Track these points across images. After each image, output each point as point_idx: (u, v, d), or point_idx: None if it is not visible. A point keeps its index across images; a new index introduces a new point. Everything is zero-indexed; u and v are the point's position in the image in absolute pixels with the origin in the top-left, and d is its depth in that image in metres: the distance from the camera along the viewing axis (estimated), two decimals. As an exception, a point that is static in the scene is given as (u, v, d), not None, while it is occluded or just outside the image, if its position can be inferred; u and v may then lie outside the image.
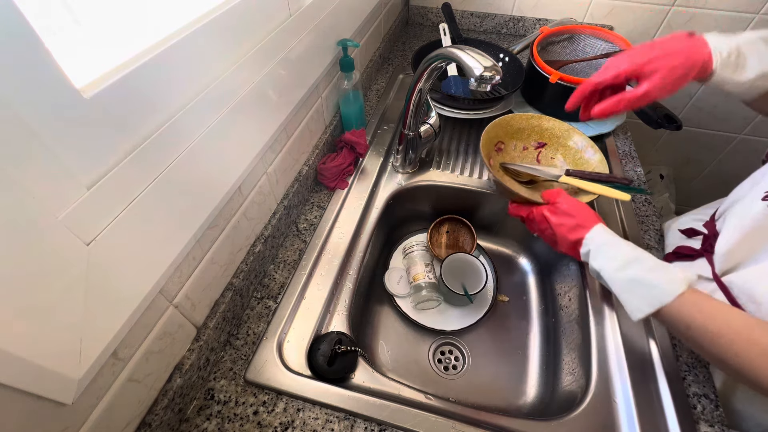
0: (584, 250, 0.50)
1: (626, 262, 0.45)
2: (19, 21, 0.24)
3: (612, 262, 0.47)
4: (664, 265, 0.44)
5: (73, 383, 0.30)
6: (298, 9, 0.56)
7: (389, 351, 0.69)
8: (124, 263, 0.34)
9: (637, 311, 0.44)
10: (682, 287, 0.41)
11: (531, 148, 0.73)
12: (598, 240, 0.49)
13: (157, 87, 0.35)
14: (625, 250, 0.47)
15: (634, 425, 0.48)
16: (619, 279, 0.46)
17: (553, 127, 0.71)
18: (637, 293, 0.44)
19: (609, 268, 0.47)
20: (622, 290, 0.46)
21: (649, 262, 0.45)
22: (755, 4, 0.98)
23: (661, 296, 0.42)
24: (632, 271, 0.45)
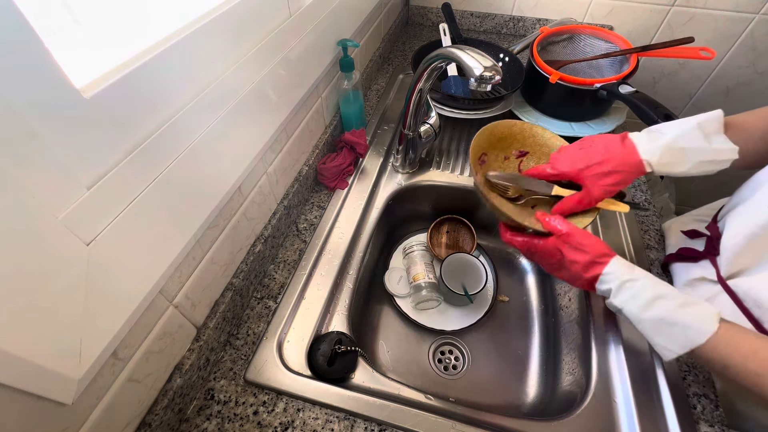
0: (603, 288, 0.47)
1: (651, 300, 0.43)
2: (19, 21, 0.24)
3: (636, 300, 0.43)
4: (692, 300, 0.42)
5: (73, 383, 0.30)
6: (298, 9, 0.56)
7: (389, 351, 0.69)
8: (124, 263, 0.34)
9: (667, 352, 0.42)
10: (714, 326, 0.39)
11: (512, 157, 0.66)
12: (618, 276, 0.45)
13: (157, 87, 0.35)
14: (647, 286, 0.44)
15: (634, 425, 0.48)
16: (647, 320, 0.43)
17: (536, 134, 0.64)
18: (667, 334, 0.42)
19: (633, 307, 0.44)
20: (650, 331, 0.43)
21: (676, 299, 0.42)
22: (755, 4, 0.98)
23: (694, 337, 0.40)
24: (659, 310, 0.42)
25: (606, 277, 0.46)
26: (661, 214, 0.79)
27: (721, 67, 1.11)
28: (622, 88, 0.74)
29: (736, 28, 1.03)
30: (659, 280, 0.44)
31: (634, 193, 0.75)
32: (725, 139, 0.49)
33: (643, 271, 0.45)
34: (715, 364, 0.40)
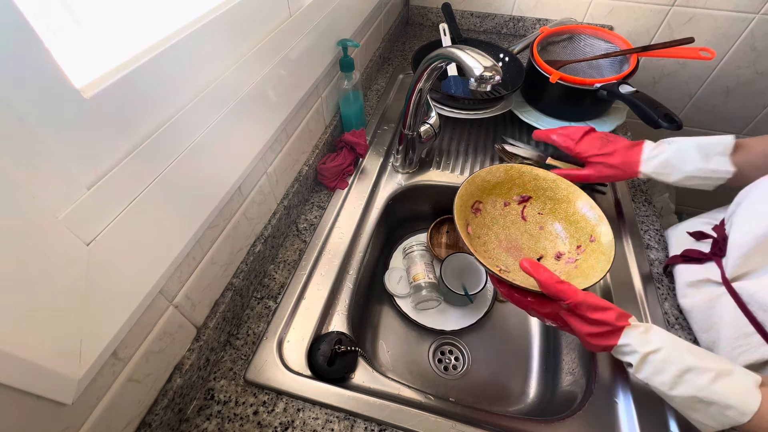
0: (623, 359, 0.43)
1: (679, 376, 0.39)
2: (19, 21, 0.24)
3: (661, 376, 0.39)
4: (726, 369, 0.38)
5: (73, 383, 0.30)
6: (298, 9, 0.56)
7: (389, 351, 0.69)
8: (124, 263, 0.34)
9: (705, 427, 0.39)
10: (756, 403, 0.36)
11: (513, 203, 0.61)
12: (635, 347, 0.41)
13: (157, 87, 0.35)
14: (672, 358, 0.39)
15: (634, 425, 0.48)
16: (677, 397, 0.39)
17: (538, 177, 0.59)
18: (704, 412, 0.38)
19: (660, 385, 0.40)
20: (683, 408, 0.40)
21: (708, 372, 0.38)
22: (755, 4, 0.98)
23: (736, 417, 0.36)
24: (690, 388, 0.38)
25: (623, 349, 0.41)
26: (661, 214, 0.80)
27: (721, 67, 1.11)
28: (622, 88, 0.74)
29: (736, 28, 1.03)
30: (683, 344, 0.40)
31: (634, 192, 0.75)
32: (725, 161, 0.53)
33: (661, 336, 0.41)
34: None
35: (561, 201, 0.59)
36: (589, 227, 0.55)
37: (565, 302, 0.42)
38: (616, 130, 0.87)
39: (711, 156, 0.54)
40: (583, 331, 0.43)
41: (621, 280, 0.62)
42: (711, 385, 0.37)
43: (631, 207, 0.72)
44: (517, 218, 0.61)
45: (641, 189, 0.75)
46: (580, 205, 0.57)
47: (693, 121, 1.25)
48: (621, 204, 0.72)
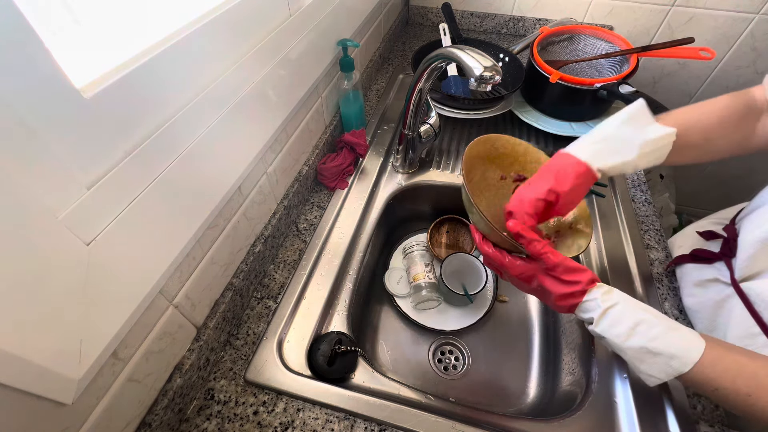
0: (584, 316, 0.44)
1: (632, 327, 0.41)
2: (19, 21, 0.24)
3: (616, 328, 0.42)
4: (674, 325, 0.41)
5: (73, 383, 0.30)
6: (298, 9, 0.56)
7: (389, 351, 0.69)
8: (124, 263, 0.34)
9: (651, 379, 0.41)
10: (698, 354, 0.38)
11: (509, 179, 0.60)
12: (599, 303, 0.43)
13: (157, 87, 0.35)
14: (626, 311, 0.42)
15: (634, 425, 0.48)
16: (628, 348, 0.41)
17: (540, 161, 0.58)
18: (650, 363, 0.41)
19: (614, 336, 0.42)
20: (633, 360, 0.42)
21: (658, 325, 0.41)
22: (755, 4, 0.98)
23: (679, 367, 0.39)
24: (640, 338, 0.41)
25: (586, 305, 0.43)
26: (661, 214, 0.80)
27: (721, 67, 1.11)
28: (622, 88, 0.74)
29: (736, 28, 1.03)
30: (639, 303, 0.43)
31: (634, 192, 0.75)
32: (660, 126, 0.49)
33: (621, 294, 0.43)
34: (704, 388, 0.39)
35: None
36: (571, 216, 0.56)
37: (545, 263, 0.44)
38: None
39: (643, 127, 0.49)
40: (556, 292, 0.44)
41: (621, 280, 0.62)
42: (660, 337, 0.40)
43: (631, 207, 0.72)
44: (507, 194, 0.60)
45: (641, 189, 0.75)
46: None
47: (693, 121, 1.24)
48: (621, 204, 0.72)
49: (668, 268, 0.63)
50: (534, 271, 0.46)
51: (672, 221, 1.34)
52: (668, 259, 0.64)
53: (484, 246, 0.49)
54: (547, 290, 0.45)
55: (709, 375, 0.38)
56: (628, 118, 0.49)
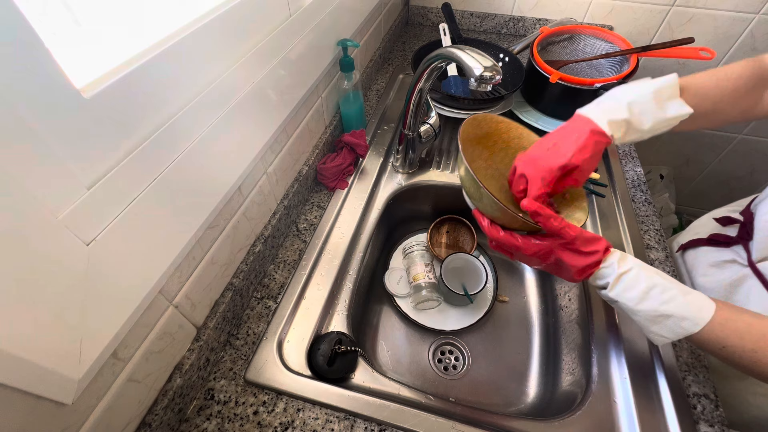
0: (599, 282, 0.45)
1: (645, 291, 0.42)
2: (19, 21, 0.24)
3: (629, 292, 0.43)
4: (686, 290, 0.42)
5: (73, 383, 0.30)
6: (298, 9, 0.56)
7: (389, 351, 0.69)
8: (124, 263, 0.34)
9: (661, 338, 0.43)
10: (709, 314, 0.40)
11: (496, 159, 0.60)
12: (615, 269, 0.44)
13: (157, 87, 0.35)
14: (640, 276, 0.43)
15: (634, 425, 0.48)
16: (642, 311, 0.42)
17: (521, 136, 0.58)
18: (662, 324, 0.42)
19: (628, 300, 0.43)
20: (645, 322, 0.43)
21: (670, 289, 0.42)
22: (755, 4, 0.98)
23: (689, 327, 0.40)
24: (653, 302, 0.42)
25: (602, 272, 0.44)
26: (661, 214, 0.80)
27: (721, 67, 1.11)
28: (622, 88, 0.74)
29: (736, 28, 1.03)
30: (651, 268, 0.44)
31: (634, 192, 0.75)
32: (681, 103, 0.49)
33: (635, 260, 0.44)
34: (712, 346, 0.41)
35: None
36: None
37: (564, 238, 0.44)
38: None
39: (664, 103, 0.49)
40: (577, 265, 0.44)
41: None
42: (672, 300, 0.41)
43: (631, 207, 0.72)
44: (498, 174, 0.60)
45: (641, 189, 0.75)
46: None
47: (693, 121, 1.24)
48: (621, 204, 0.72)
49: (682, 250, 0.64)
50: (550, 247, 0.45)
51: (672, 221, 1.34)
52: (668, 259, 0.64)
53: (493, 231, 0.48)
54: (566, 264, 0.45)
55: (718, 334, 0.40)
56: (656, 90, 0.49)
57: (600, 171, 0.78)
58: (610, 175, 0.78)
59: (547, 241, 0.45)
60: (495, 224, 0.48)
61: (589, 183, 0.74)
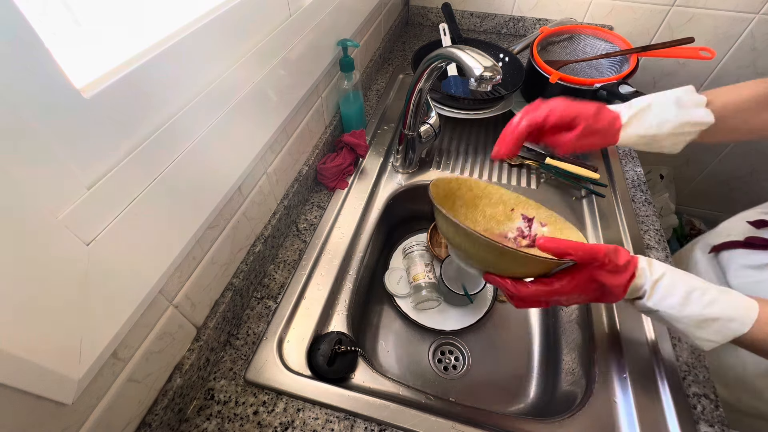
0: (636, 294, 0.43)
1: (685, 296, 0.40)
2: (19, 21, 0.24)
3: (669, 299, 0.41)
4: (723, 289, 0.41)
5: (73, 383, 0.30)
6: (298, 9, 0.56)
7: (389, 351, 0.69)
8: (124, 263, 0.34)
9: (708, 343, 0.41)
10: (755, 312, 0.38)
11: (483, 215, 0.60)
12: (648, 277, 0.42)
13: (157, 87, 0.35)
14: (676, 281, 0.41)
15: (634, 425, 0.48)
16: (684, 317, 0.40)
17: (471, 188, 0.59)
18: (709, 329, 0.40)
19: (669, 307, 0.41)
20: (689, 327, 0.41)
21: (709, 291, 0.40)
22: (755, 4, 0.98)
23: (738, 328, 0.39)
24: (697, 305, 0.40)
25: (637, 282, 0.42)
26: (661, 214, 0.80)
27: (721, 67, 1.11)
28: (622, 88, 0.74)
29: (736, 28, 1.03)
30: (679, 270, 0.42)
31: (634, 192, 0.75)
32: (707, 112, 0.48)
33: (661, 264, 0.43)
34: (759, 345, 0.39)
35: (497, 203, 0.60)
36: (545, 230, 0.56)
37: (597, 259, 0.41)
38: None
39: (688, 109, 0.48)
40: (619, 283, 0.41)
41: (621, 280, 0.62)
42: (715, 302, 0.39)
43: (631, 207, 0.72)
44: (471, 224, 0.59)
45: (641, 189, 0.75)
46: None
47: (693, 121, 1.24)
48: (621, 204, 0.72)
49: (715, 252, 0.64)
50: (588, 274, 0.42)
51: (672, 221, 1.34)
52: (668, 259, 0.64)
53: (522, 289, 0.44)
54: (608, 285, 0.42)
55: (766, 332, 0.38)
56: (677, 98, 0.49)
57: (600, 171, 0.78)
58: (610, 175, 0.78)
59: (581, 271, 0.42)
60: (520, 281, 0.44)
61: (589, 183, 0.74)
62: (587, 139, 0.49)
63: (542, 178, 0.78)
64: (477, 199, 0.60)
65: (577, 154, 0.82)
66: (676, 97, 0.49)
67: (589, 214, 0.72)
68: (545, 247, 0.41)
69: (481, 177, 0.79)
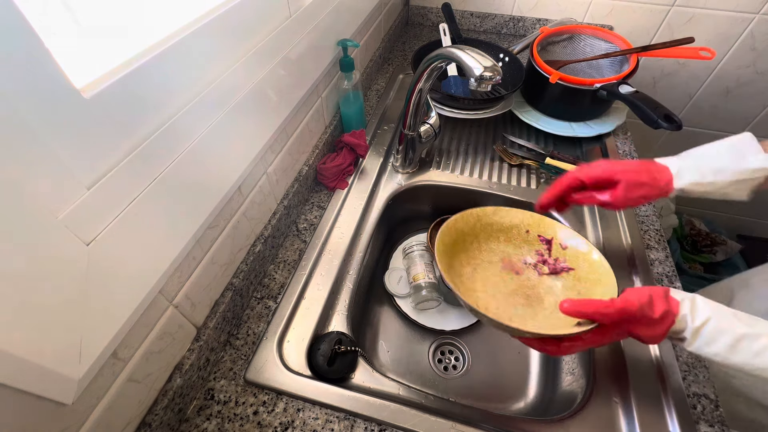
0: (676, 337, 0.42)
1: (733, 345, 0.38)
2: (19, 21, 0.24)
3: (714, 346, 0.39)
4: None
5: (73, 383, 0.30)
6: (298, 9, 0.56)
7: (389, 351, 0.69)
8: (124, 263, 0.34)
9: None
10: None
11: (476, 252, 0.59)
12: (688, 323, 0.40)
13: (157, 87, 0.35)
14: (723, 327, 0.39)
15: (634, 425, 0.48)
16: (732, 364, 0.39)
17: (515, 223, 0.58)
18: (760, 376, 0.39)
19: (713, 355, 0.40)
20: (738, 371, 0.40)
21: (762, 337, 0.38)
22: (755, 4, 0.98)
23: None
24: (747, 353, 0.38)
25: (677, 327, 0.40)
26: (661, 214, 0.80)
27: (721, 67, 1.11)
28: (622, 88, 0.74)
29: (736, 28, 1.03)
30: (726, 310, 0.40)
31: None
32: (765, 157, 0.46)
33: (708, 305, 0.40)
34: None
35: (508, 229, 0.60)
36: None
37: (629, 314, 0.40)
38: (615, 130, 0.87)
39: (745, 156, 0.48)
40: (656, 333, 0.41)
41: (621, 281, 0.62)
42: (766, 350, 0.37)
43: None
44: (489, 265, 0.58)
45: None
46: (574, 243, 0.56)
47: (693, 121, 1.25)
48: (621, 204, 0.72)
49: None
50: (620, 329, 0.42)
51: (672, 221, 1.34)
52: (668, 259, 0.64)
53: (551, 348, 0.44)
54: (644, 337, 0.42)
55: None
56: (731, 144, 0.49)
57: (600, 171, 0.78)
58: (610, 175, 0.78)
59: (614, 327, 0.42)
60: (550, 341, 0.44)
61: None
62: (635, 191, 0.50)
63: (542, 178, 0.78)
64: (488, 227, 0.59)
65: (579, 158, 0.82)
66: (730, 144, 0.49)
67: (589, 214, 0.72)
68: (570, 312, 0.40)
69: (481, 177, 0.79)
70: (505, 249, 0.59)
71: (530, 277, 0.57)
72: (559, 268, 0.56)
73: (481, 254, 0.59)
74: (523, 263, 0.58)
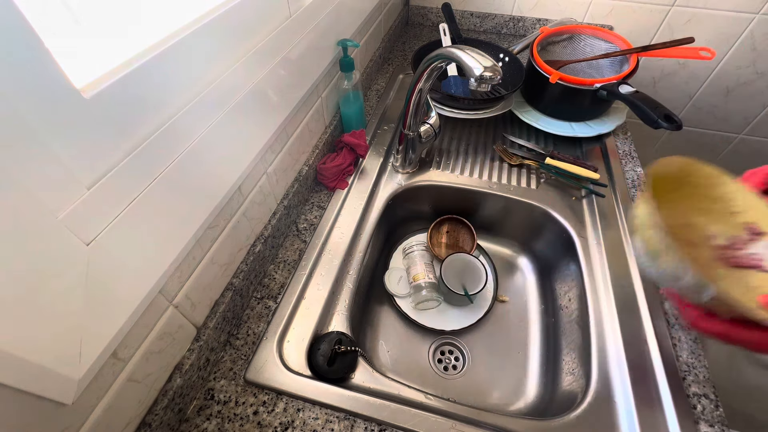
0: None
1: None
2: (19, 21, 0.24)
3: None
4: None
5: (73, 383, 0.30)
6: (298, 9, 0.56)
7: (389, 351, 0.69)
8: (124, 263, 0.34)
9: None
10: None
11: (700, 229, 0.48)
12: None
13: (157, 87, 0.35)
14: None
15: (634, 425, 0.48)
16: None
17: (729, 197, 0.47)
18: None
19: None
20: None
21: None
22: (755, 4, 0.98)
23: None
24: None
25: None
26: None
27: (721, 67, 1.11)
28: (622, 88, 0.74)
29: (736, 28, 1.03)
30: None
31: (634, 192, 0.75)
32: None
33: None
34: None
35: None
36: None
37: None
38: (615, 130, 0.87)
39: None
40: None
41: (621, 280, 0.62)
42: None
43: (631, 207, 0.72)
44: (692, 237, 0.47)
45: (642, 189, 0.75)
46: None
47: (693, 121, 1.25)
48: (621, 204, 0.72)
49: None
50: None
51: (672, 221, 1.34)
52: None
53: (709, 326, 0.37)
54: None
55: None
56: None
57: (600, 171, 0.78)
58: (610, 175, 0.78)
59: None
60: (738, 321, 0.36)
61: (589, 183, 0.75)
62: None
63: (542, 178, 0.78)
64: (695, 188, 0.50)
65: (579, 158, 0.82)
66: None
67: (589, 214, 0.72)
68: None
69: (481, 177, 0.79)
70: (696, 217, 0.49)
71: (704, 255, 0.46)
72: (749, 264, 0.44)
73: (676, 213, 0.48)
74: (706, 237, 0.47)
